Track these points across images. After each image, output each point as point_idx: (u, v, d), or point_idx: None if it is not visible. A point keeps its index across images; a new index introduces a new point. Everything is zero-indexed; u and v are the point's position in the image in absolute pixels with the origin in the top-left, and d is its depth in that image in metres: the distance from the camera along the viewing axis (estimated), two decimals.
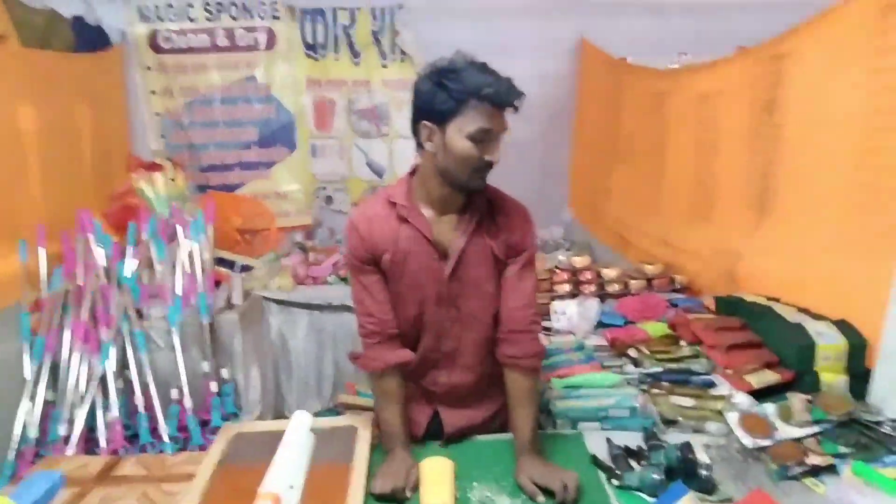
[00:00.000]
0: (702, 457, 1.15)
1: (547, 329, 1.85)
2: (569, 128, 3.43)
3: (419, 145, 1.13)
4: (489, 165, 1.08)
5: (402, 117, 3.31)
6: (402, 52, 3.23)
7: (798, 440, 1.15)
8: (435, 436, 1.30)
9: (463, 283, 1.19)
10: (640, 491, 1.07)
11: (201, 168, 3.29)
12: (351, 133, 3.33)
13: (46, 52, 2.38)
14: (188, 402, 2.19)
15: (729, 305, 1.63)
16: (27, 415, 1.98)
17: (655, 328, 1.67)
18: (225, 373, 2.35)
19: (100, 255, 2.28)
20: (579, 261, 2.03)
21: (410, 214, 1.15)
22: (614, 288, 1.99)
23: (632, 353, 1.49)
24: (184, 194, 3.15)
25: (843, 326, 1.32)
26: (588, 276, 1.99)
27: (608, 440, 1.24)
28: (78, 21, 2.70)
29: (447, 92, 1.04)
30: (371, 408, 2.31)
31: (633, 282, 2.00)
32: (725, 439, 1.23)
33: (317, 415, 2.69)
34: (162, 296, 2.34)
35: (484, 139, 1.05)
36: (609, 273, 1.99)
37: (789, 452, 1.13)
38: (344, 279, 2.85)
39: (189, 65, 3.15)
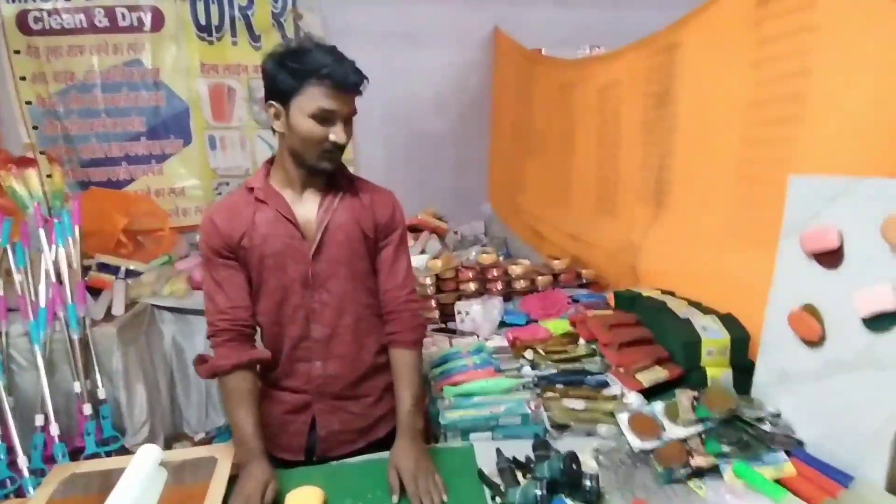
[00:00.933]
0: (589, 464, 1.09)
1: (451, 331, 1.77)
2: (486, 119, 3.38)
3: (272, 127, 1.13)
4: (336, 147, 1.10)
5: None
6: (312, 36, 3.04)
7: (684, 440, 1.12)
8: (313, 460, 1.22)
9: (331, 263, 1.16)
10: None
11: (82, 163, 2.94)
12: (253, 124, 3.09)
13: None
14: (54, 429, 1.93)
15: (626, 301, 1.60)
16: None
17: (557, 326, 1.63)
18: (102, 393, 2.10)
19: None
20: (486, 258, 1.96)
21: (267, 196, 1.15)
22: (521, 285, 1.93)
23: (528, 354, 1.43)
24: (63, 192, 2.81)
25: (728, 320, 1.32)
26: (494, 273, 1.92)
27: (498, 451, 1.16)
28: None
29: (288, 71, 1.06)
30: None
31: (540, 278, 1.96)
32: (616, 442, 1.19)
33: (220, 431, 2.49)
34: (23, 309, 2.05)
35: (327, 119, 1.07)
36: (515, 270, 1.93)
37: (675, 454, 1.10)
38: None
39: (64, 47, 2.80)
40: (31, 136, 2.86)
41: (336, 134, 1.07)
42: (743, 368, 1.26)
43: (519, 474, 1.08)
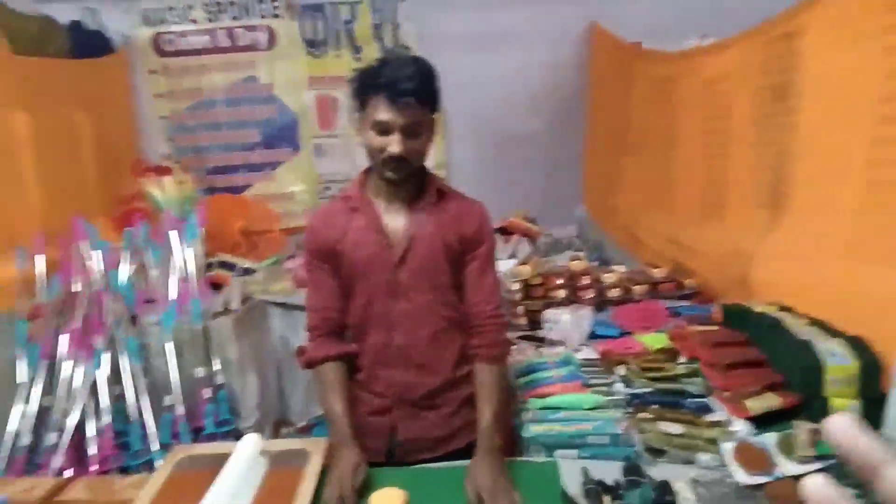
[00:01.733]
0: (685, 495, 1.02)
1: (539, 339, 1.73)
2: (581, 119, 3.26)
3: None
4: (395, 158, 1.10)
5: None
6: (405, 46, 3.13)
7: (799, 478, 1.00)
8: (393, 461, 1.25)
9: (414, 273, 1.19)
10: None
11: (207, 170, 3.28)
12: (354, 131, 3.25)
13: (40, 59, 2.39)
14: (180, 409, 2.17)
15: (735, 316, 1.46)
16: (20, 422, 2.00)
17: (654, 340, 1.53)
18: (220, 379, 2.32)
19: (96, 262, 2.29)
20: (576, 265, 1.89)
21: (360, 205, 1.20)
22: (615, 294, 1.84)
23: (620, 370, 1.36)
24: (193, 197, 3.16)
25: (857, 344, 1.15)
26: (586, 280, 1.84)
27: (584, 471, 1.12)
28: (75, 27, 2.71)
29: (357, 86, 1.12)
30: None
31: (636, 287, 1.85)
32: (718, 473, 1.09)
33: (319, 420, 2.65)
34: (157, 301, 2.33)
35: (385, 130, 1.08)
36: (608, 278, 1.84)
37: (788, 493, 0.99)
38: None
39: (192, 67, 3.14)
40: (166, 147, 3.24)
41: (392, 145, 1.08)
42: (873, 400, 1.09)
43: (607, 499, 1.03)
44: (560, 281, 1.84)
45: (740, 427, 1.15)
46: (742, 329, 1.42)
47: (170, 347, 2.23)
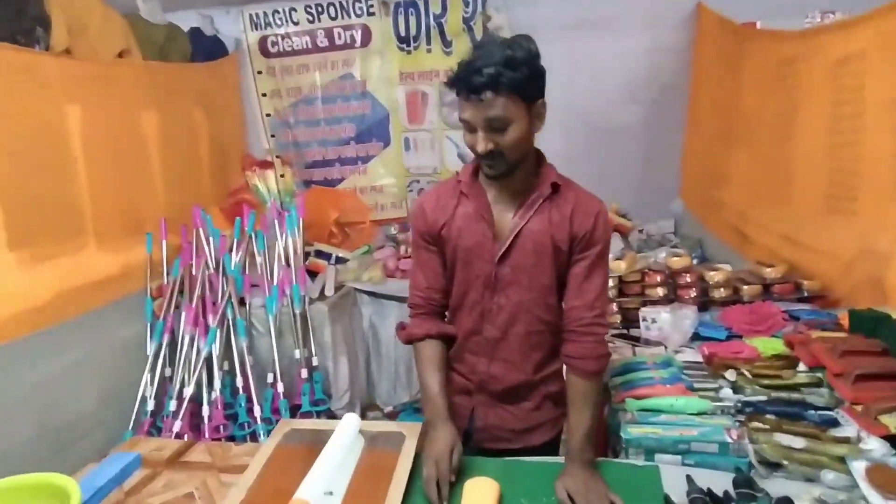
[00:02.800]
0: None
1: (634, 338, 1.65)
2: (682, 108, 3.06)
3: None
4: (484, 154, 1.06)
5: None
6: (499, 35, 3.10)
7: None
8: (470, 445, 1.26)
9: (514, 270, 1.16)
10: None
11: (306, 165, 3.47)
12: (442, 125, 3.29)
13: (166, 64, 2.64)
14: (280, 387, 2.33)
15: (867, 322, 1.31)
16: (146, 389, 2.24)
17: (767, 345, 1.41)
18: (315, 361, 2.46)
19: (211, 248, 2.50)
20: (677, 261, 1.77)
21: (471, 192, 1.17)
22: (721, 294, 1.71)
23: (730, 375, 1.26)
24: (292, 190, 3.37)
25: None
26: (688, 279, 1.73)
27: (688, 479, 1.05)
28: (195, 33, 2.96)
29: (448, 86, 1.08)
30: None
31: (745, 287, 1.71)
32: (846, 494, 0.98)
33: (403, 406, 2.72)
34: (262, 286, 2.51)
35: (470, 128, 1.06)
36: (714, 276, 1.71)
37: None
38: None
39: (294, 66, 3.32)
40: (269, 143, 3.46)
41: (478, 143, 1.05)
42: None
43: None
44: (659, 278, 1.74)
45: (875, 445, 1.03)
46: (874, 337, 1.27)
47: (272, 329, 2.40)
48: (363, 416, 2.78)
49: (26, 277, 1.85)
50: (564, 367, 1.21)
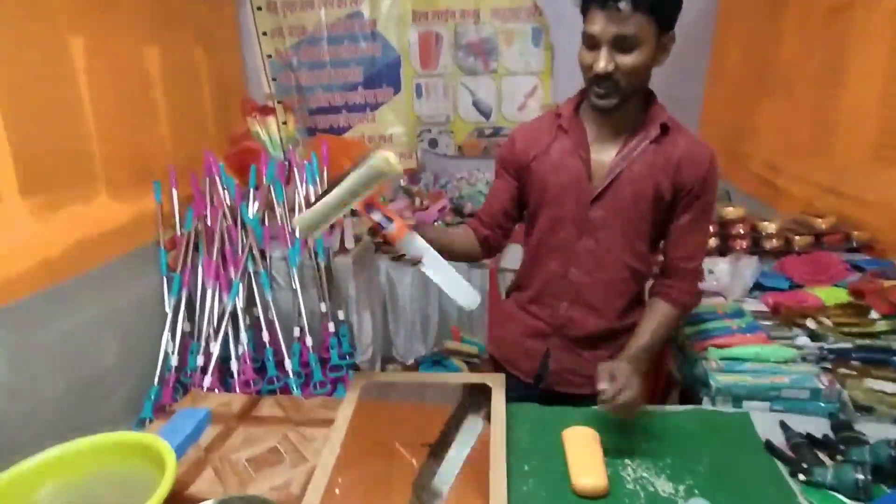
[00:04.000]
0: None
1: None
2: (704, 55, 2.98)
3: None
4: (601, 77, 0.98)
5: (511, 53, 3.05)
6: None
7: None
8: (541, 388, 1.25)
9: (608, 214, 1.10)
10: (836, 491, 0.90)
11: (310, 111, 3.28)
12: (457, 70, 3.13)
13: None
14: (309, 341, 2.27)
15: None
16: (168, 345, 2.15)
17: (831, 294, 1.41)
18: (340, 314, 2.40)
19: (225, 197, 2.37)
20: (731, 211, 1.75)
21: (570, 126, 1.11)
22: (773, 244, 1.71)
23: (809, 323, 1.26)
24: (294, 138, 3.19)
25: None
26: (741, 229, 1.72)
27: (783, 424, 1.06)
28: None
29: None
30: (475, 354, 2.27)
31: (797, 238, 1.71)
32: None
33: (422, 359, 2.71)
34: (282, 237, 2.40)
35: (594, 45, 0.98)
36: (768, 227, 1.71)
37: None
38: (449, 225, 2.77)
39: (297, 2, 3.09)
40: (270, 86, 3.25)
41: (598, 61, 0.96)
42: None
43: (822, 454, 0.98)
44: (712, 228, 1.72)
45: None
46: None
47: (296, 282, 2.31)
48: (382, 370, 2.76)
49: (41, 227, 1.71)
50: (650, 300, 1.18)
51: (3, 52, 1.57)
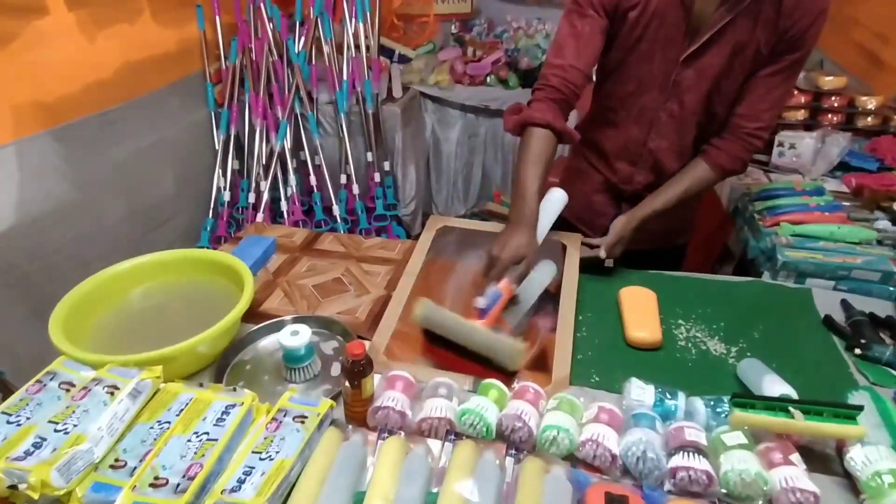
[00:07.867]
0: None
1: (764, 164, 1.54)
2: None
3: None
4: None
5: None
6: None
7: None
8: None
9: (699, 75, 1.00)
10: (891, 367, 0.91)
11: None
12: None
13: None
14: (355, 188, 2.28)
15: None
16: (219, 180, 2.18)
17: None
18: (386, 166, 2.37)
19: (270, 28, 2.22)
20: (830, 81, 1.57)
21: None
22: (867, 122, 1.55)
23: (894, 206, 1.19)
24: None
25: None
26: (835, 102, 1.55)
27: (844, 303, 1.05)
28: None
29: None
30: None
31: None
32: None
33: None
34: (329, 80, 2.29)
35: None
36: (868, 102, 1.53)
37: None
38: (503, 82, 2.59)
39: None
40: None
41: None
42: None
43: (883, 333, 0.97)
44: (803, 99, 1.56)
45: None
46: None
47: (344, 129, 2.25)
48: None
49: (89, 46, 1.65)
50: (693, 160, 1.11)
51: None
